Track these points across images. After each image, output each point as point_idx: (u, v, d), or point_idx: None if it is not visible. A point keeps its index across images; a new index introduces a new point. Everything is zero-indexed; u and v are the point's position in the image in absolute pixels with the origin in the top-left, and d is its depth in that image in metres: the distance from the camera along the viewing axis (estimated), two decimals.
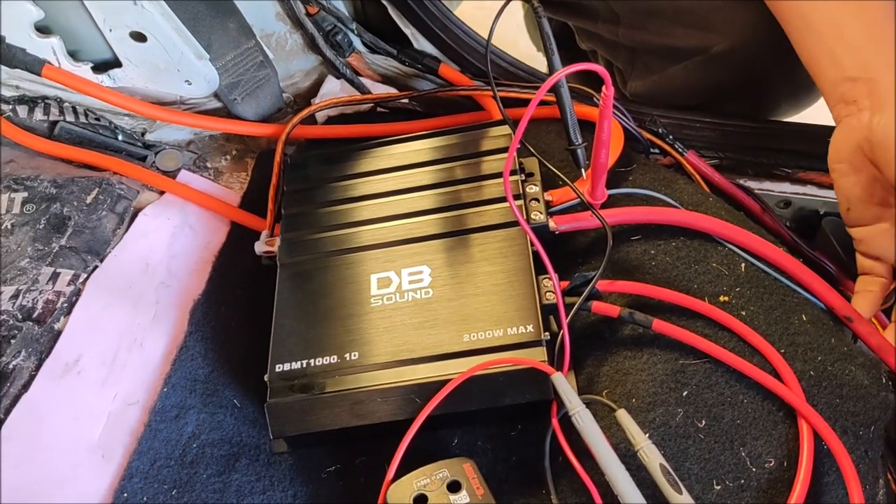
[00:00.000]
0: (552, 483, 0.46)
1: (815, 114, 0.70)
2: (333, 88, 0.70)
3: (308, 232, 0.56)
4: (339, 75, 0.70)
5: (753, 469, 0.43)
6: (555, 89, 0.54)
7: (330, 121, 0.69)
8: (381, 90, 0.71)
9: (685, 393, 0.46)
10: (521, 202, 0.54)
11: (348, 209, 0.57)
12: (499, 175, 0.55)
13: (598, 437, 0.42)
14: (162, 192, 0.63)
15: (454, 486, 0.43)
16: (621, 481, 0.41)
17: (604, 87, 0.44)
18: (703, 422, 0.45)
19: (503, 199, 0.54)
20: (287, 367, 0.49)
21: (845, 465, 0.42)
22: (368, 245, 0.54)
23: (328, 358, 0.49)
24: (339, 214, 0.56)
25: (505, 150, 0.58)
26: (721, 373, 0.46)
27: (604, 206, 0.55)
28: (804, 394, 0.45)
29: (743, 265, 0.52)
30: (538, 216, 0.54)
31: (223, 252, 0.61)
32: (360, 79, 0.71)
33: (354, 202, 0.57)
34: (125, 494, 0.48)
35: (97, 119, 0.66)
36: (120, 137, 0.66)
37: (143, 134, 0.67)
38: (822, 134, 0.60)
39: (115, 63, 0.61)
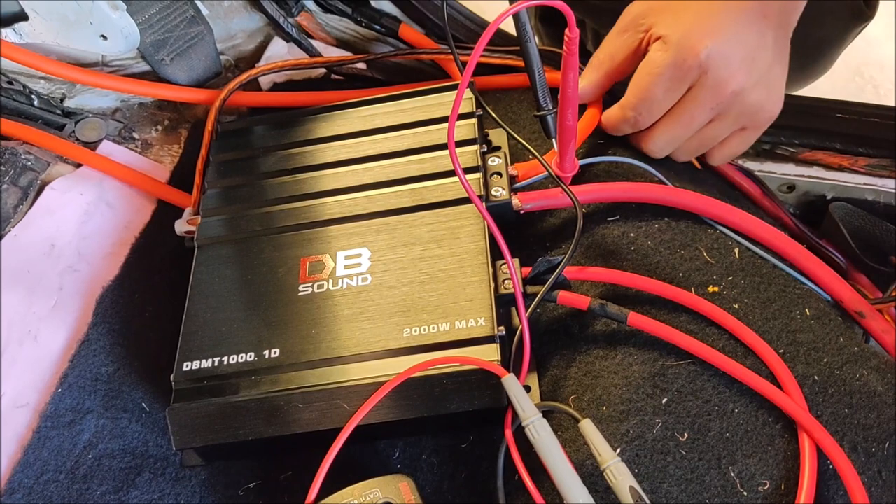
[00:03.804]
0: None
1: (826, 87, 0.70)
2: (280, 51, 0.63)
3: (231, 209, 0.49)
4: (286, 37, 0.63)
5: (745, 493, 0.38)
6: (521, 46, 0.47)
7: (276, 88, 0.62)
8: (334, 55, 0.64)
9: (665, 400, 0.41)
10: (478, 175, 0.47)
11: (278, 183, 0.50)
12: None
13: (555, 454, 0.36)
14: (79, 165, 0.56)
15: None
16: None
17: (567, 31, 0.37)
18: (686, 435, 0.40)
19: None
20: (196, 365, 0.42)
21: (854, 488, 0.38)
22: (300, 224, 0.48)
23: (244, 356, 0.42)
24: (267, 189, 0.50)
25: (467, 116, 0.51)
26: (708, 377, 0.41)
27: (578, 180, 0.49)
28: (807, 403, 0.40)
29: (737, 250, 0.46)
30: (500, 192, 0.47)
31: (145, 233, 0.54)
32: (312, 41, 0.64)
33: (286, 175, 0.51)
34: None
35: (10, 83, 0.58)
36: (36, 103, 0.59)
37: (62, 100, 0.60)
38: (831, 109, 0.56)
39: (21, 15, 0.53)
